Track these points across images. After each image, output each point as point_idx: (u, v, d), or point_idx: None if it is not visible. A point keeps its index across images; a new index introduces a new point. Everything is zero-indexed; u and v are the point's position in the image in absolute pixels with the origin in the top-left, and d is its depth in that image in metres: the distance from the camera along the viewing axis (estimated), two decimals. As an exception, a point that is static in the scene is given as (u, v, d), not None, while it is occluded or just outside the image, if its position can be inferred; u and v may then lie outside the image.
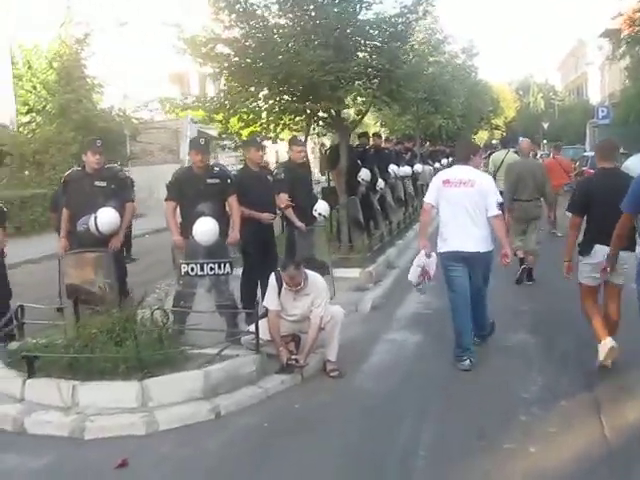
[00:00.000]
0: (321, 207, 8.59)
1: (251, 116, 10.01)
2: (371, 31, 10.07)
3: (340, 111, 10.08)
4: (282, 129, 11.29)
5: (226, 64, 9.86)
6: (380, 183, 12.80)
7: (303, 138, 10.00)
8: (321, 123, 10.70)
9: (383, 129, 28.07)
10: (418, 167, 17.66)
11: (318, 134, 13.47)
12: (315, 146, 29.09)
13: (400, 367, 6.31)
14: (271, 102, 10.04)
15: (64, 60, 23.64)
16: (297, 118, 10.94)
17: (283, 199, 8.19)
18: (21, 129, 23.89)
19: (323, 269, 8.60)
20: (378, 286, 9.52)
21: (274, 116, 10.35)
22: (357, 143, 13.29)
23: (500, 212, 6.29)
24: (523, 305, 8.44)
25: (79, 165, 7.89)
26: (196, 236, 6.38)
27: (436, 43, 21.64)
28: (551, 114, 61.42)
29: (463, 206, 6.08)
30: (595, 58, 51.47)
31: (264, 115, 10.33)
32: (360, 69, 9.39)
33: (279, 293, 6.06)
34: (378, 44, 10.15)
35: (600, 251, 5.60)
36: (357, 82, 9.92)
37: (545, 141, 49.50)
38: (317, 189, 13.40)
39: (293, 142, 8.48)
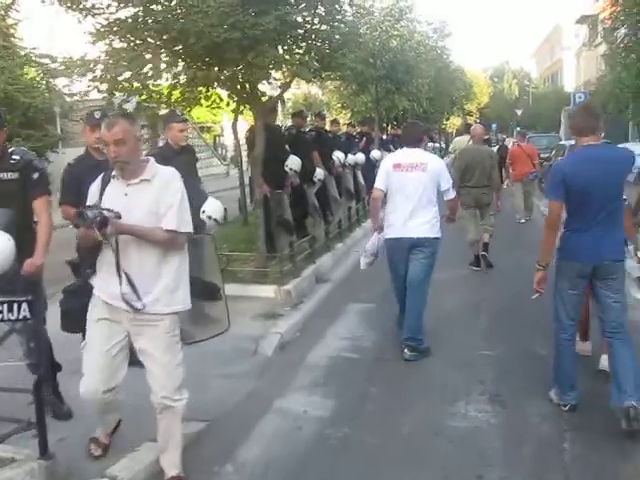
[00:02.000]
0: (211, 208, 6.31)
1: (136, 85, 7.63)
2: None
3: (252, 82, 7.74)
4: (195, 104, 8.91)
5: (105, 18, 7.49)
6: (318, 173, 10.55)
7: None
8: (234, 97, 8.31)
9: (344, 111, 25.86)
10: (375, 153, 15.41)
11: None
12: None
13: (288, 467, 4.09)
14: (164, 68, 7.66)
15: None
16: (209, 91, 8.59)
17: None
18: None
19: (213, 293, 6.40)
20: (297, 310, 7.26)
21: (169, 87, 8.01)
22: (289, 125, 10.99)
23: (455, 195, 6.25)
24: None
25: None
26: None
27: (399, 14, 19.21)
28: (525, 101, 60.34)
29: (414, 191, 5.82)
30: (571, 44, 50.36)
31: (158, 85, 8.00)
32: (277, 25, 7.04)
33: None
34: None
35: None
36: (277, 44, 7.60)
37: (518, 128, 47.75)
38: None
39: (170, 118, 6.22)
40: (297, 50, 7.96)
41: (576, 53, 49.80)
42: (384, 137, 21.17)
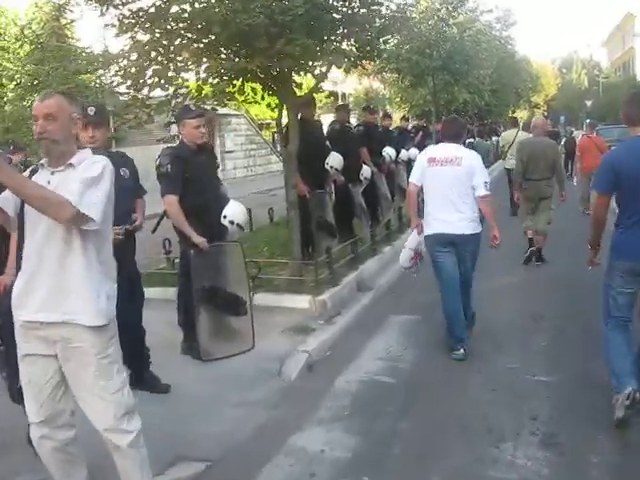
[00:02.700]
0: (232, 212, 5.70)
1: (162, 81, 7.06)
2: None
3: (284, 72, 7.07)
4: (229, 99, 8.30)
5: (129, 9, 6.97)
6: (365, 171, 9.83)
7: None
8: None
9: (404, 105, 25.02)
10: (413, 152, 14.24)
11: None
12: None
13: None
14: (188, 60, 7.06)
15: (40, 27, 21.00)
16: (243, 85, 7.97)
17: (171, 202, 5.42)
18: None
19: (238, 307, 5.82)
20: (331, 323, 6.58)
21: (199, 82, 7.43)
22: (333, 119, 10.29)
23: (489, 192, 5.71)
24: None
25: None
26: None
27: (456, 1, 18.20)
28: (595, 92, 57.87)
29: (449, 186, 5.65)
30: None
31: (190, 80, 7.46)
32: (308, 9, 6.35)
33: None
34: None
35: None
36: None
37: (588, 120, 45.77)
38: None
39: (184, 114, 5.61)
40: (332, 37, 7.26)
41: (650, 40, 47.64)
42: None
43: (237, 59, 7.11)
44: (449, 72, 16.86)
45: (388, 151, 11.14)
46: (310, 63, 7.15)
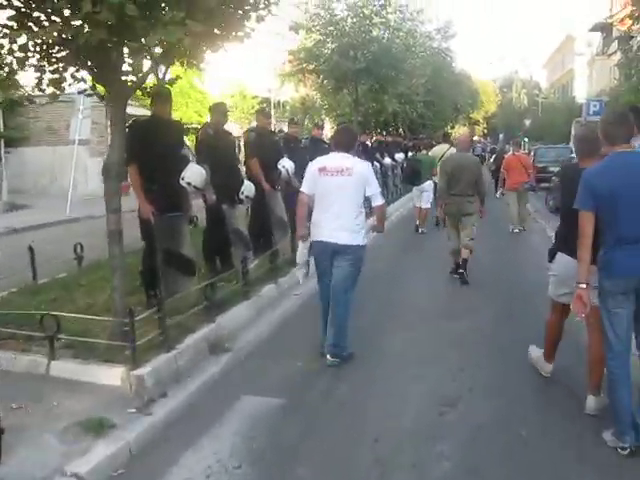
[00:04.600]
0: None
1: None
2: None
3: (101, 47, 4.88)
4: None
5: None
6: (246, 188, 7.80)
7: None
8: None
9: (332, 114, 23.09)
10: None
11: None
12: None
13: None
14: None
15: None
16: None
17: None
18: None
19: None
20: (147, 414, 4.45)
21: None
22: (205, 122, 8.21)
23: (384, 202, 5.85)
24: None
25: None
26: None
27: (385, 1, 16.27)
28: (534, 111, 57.65)
29: (339, 196, 5.60)
30: (584, 52, 48.36)
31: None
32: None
33: None
34: None
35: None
36: None
37: (526, 139, 45.04)
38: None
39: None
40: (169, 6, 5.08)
41: (588, 62, 47.70)
42: (368, 143, 18.37)
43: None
44: (374, 77, 14.97)
45: (285, 164, 9.09)
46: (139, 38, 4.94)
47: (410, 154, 20.70)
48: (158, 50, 5.07)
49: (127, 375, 4.75)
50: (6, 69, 5.28)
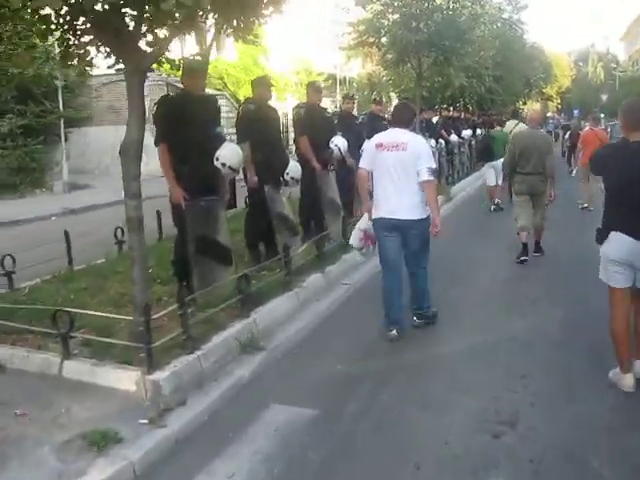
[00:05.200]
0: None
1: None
2: None
3: (111, 12, 4.36)
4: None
5: None
6: (291, 169, 7.24)
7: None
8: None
9: (396, 90, 22.27)
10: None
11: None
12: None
13: None
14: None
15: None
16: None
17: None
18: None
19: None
20: (160, 426, 3.96)
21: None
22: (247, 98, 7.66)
23: (432, 178, 5.60)
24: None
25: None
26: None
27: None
28: (611, 86, 54.90)
29: (395, 171, 5.58)
30: None
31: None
32: None
33: None
34: None
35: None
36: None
37: (603, 115, 43.04)
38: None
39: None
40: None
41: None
42: (434, 119, 17.50)
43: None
44: (437, 49, 14.11)
45: (337, 142, 8.47)
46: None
47: (479, 131, 19.78)
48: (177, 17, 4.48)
49: (142, 380, 4.27)
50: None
